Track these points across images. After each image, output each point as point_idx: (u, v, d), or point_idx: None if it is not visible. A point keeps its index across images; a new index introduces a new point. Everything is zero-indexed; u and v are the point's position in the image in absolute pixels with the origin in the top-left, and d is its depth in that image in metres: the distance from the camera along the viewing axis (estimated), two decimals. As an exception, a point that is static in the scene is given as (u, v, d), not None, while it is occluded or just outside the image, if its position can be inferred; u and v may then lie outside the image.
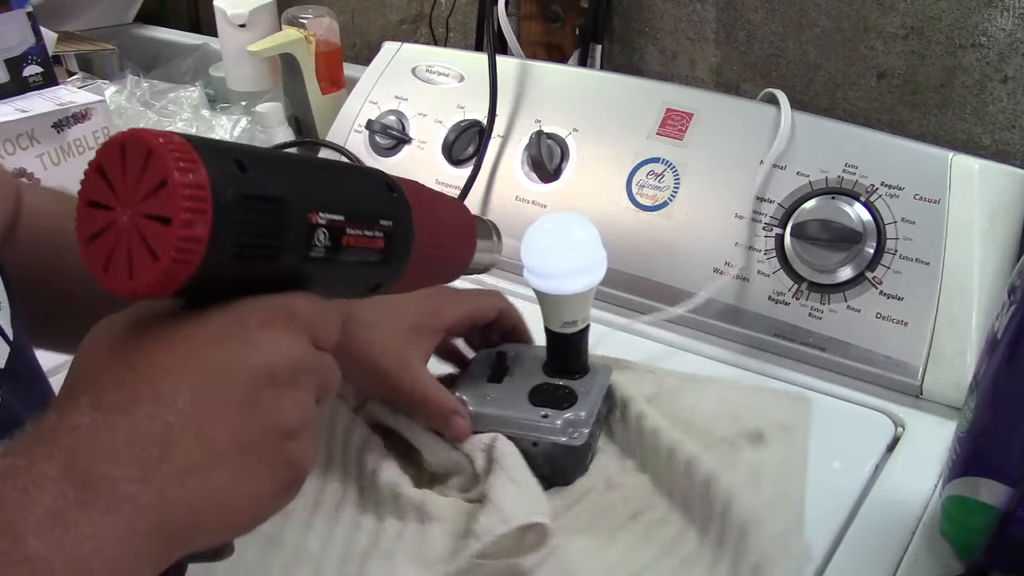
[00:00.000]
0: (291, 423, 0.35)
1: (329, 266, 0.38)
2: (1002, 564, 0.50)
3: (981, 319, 0.67)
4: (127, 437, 0.31)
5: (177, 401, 0.32)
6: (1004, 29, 0.80)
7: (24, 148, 0.76)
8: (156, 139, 0.31)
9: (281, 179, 0.36)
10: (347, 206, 0.38)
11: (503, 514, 0.51)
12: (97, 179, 0.33)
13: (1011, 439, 0.48)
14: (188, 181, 0.31)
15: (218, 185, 0.32)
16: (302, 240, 0.36)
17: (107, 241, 0.33)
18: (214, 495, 0.33)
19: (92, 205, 0.33)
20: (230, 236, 0.32)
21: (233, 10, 1.06)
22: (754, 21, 0.93)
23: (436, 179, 0.89)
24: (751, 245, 0.74)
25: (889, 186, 0.71)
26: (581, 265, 0.58)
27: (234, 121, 1.01)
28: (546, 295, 0.59)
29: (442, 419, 0.57)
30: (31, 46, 0.81)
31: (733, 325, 0.74)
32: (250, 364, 0.34)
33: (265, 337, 0.35)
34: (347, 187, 0.40)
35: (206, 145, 0.33)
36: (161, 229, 0.31)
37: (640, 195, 0.79)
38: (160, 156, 0.31)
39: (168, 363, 0.33)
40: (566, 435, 0.57)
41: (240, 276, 0.35)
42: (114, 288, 0.32)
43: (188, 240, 0.31)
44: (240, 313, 0.35)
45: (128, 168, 0.32)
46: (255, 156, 0.35)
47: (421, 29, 1.20)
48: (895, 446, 0.64)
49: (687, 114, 0.80)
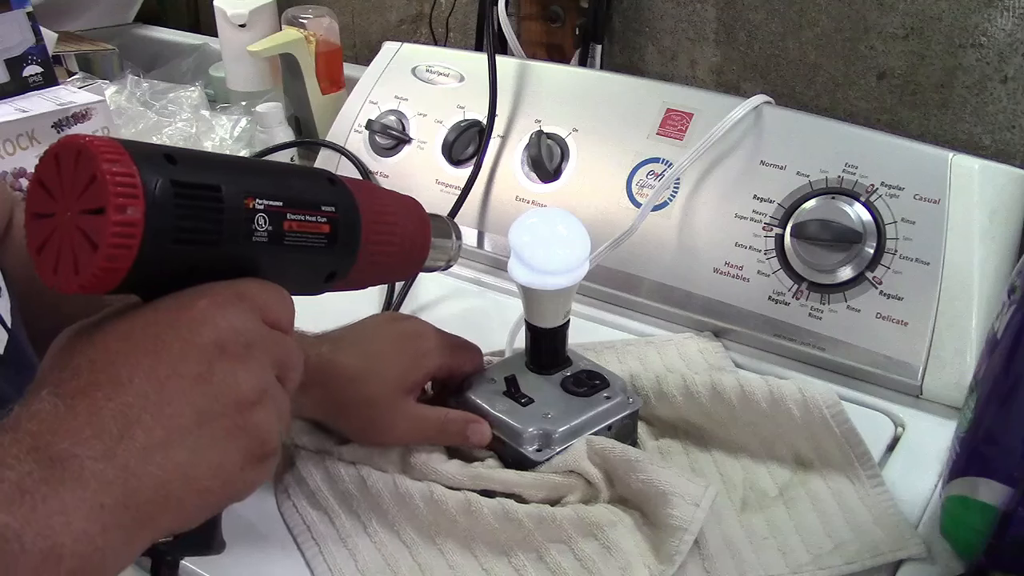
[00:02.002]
0: (247, 393, 0.36)
1: (275, 250, 0.39)
2: (1002, 564, 0.50)
3: (981, 319, 0.67)
4: (87, 418, 0.32)
5: (133, 381, 0.33)
6: (1004, 29, 0.80)
7: (24, 148, 0.76)
8: (83, 139, 0.33)
9: (213, 170, 0.37)
10: (285, 193, 0.40)
11: (686, 498, 0.52)
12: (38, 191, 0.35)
13: (1011, 439, 0.48)
14: (116, 171, 0.33)
15: (147, 174, 0.34)
16: (241, 224, 0.37)
17: (52, 245, 0.34)
18: (178, 468, 0.34)
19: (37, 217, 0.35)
20: (166, 221, 0.34)
21: (233, 10, 1.06)
22: (754, 21, 0.93)
23: (436, 179, 0.89)
24: (751, 245, 0.74)
25: (889, 186, 0.71)
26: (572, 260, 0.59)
27: (234, 121, 1.01)
28: (539, 292, 0.59)
29: (461, 432, 0.57)
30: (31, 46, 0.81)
31: (733, 325, 0.74)
32: (200, 339, 0.35)
33: (213, 313, 0.36)
34: (285, 179, 0.41)
35: (135, 144, 0.34)
36: (97, 220, 0.33)
37: (640, 195, 0.79)
38: (88, 152, 0.33)
39: (121, 348, 0.34)
40: (629, 406, 0.60)
41: (186, 264, 0.36)
42: (64, 288, 0.34)
43: (123, 224, 0.33)
44: (189, 296, 0.36)
45: (63, 172, 0.34)
46: (186, 153, 0.36)
47: (421, 29, 1.20)
48: (895, 446, 0.64)
49: (687, 114, 0.80)
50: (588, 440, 0.57)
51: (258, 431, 0.36)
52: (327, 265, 0.43)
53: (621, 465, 0.55)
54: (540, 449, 0.57)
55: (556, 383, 0.61)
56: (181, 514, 0.35)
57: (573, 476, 0.56)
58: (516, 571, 0.53)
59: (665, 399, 0.62)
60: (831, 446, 0.58)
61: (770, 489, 0.58)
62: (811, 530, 0.55)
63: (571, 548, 0.52)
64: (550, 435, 0.57)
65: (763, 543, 0.54)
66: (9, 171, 0.75)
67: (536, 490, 0.56)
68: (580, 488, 0.56)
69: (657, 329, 0.77)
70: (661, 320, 0.78)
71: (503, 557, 0.53)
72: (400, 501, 0.55)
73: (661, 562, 0.51)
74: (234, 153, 0.98)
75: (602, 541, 0.52)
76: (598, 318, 0.78)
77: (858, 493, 0.57)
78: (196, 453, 0.34)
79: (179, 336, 0.35)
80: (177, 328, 0.35)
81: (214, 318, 0.36)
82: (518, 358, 0.64)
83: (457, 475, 0.56)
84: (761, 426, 0.60)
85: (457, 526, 0.54)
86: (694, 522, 0.51)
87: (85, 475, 0.31)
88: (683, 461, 0.61)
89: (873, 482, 0.57)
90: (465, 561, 0.53)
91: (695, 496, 0.52)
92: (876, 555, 0.53)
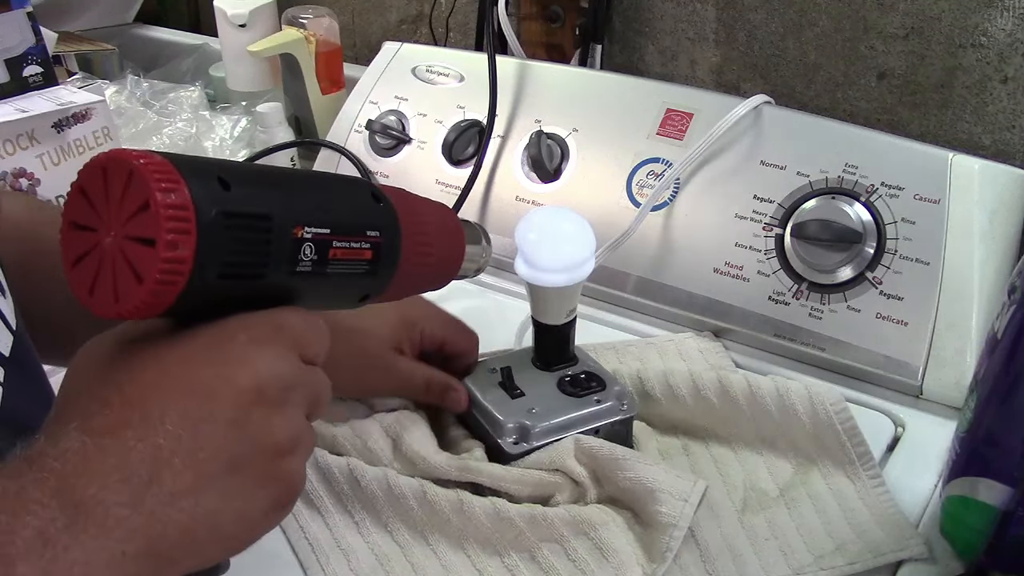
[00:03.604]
0: (282, 441, 0.35)
1: (317, 280, 0.37)
2: (1002, 564, 0.50)
3: (981, 319, 0.67)
4: (117, 460, 0.31)
5: (165, 422, 0.32)
6: (1004, 29, 0.80)
7: (24, 148, 0.76)
8: (137, 160, 0.31)
9: (264, 194, 0.35)
10: (333, 219, 0.38)
11: (674, 495, 0.52)
12: (80, 201, 0.33)
13: (1011, 439, 0.48)
14: (170, 202, 0.31)
15: (201, 204, 0.31)
16: (287, 256, 0.35)
17: (91, 264, 0.32)
18: (205, 516, 0.33)
19: (76, 227, 0.33)
20: (215, 256, 0.32)
21: (233, 10, 1.06)
22: (754, 21, 0.93)
23: (436, 179, 0.89)
24: (751, 245, 0.74)
25: (889, 186, 0.71)
26: (578, 257, 0.59)
27: (234, 121, 1.01)
28: (544, 289, 0.59)
29: (441, 393, 0.60)
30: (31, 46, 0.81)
31: (733, 325, 0.74)
32: (238, 382, 0.34)
33: (253, 354, 0.34)
34: (332, 199, 0.39)
35: (187, 163, 0.32)
36: (145, 251, 0.31)
37: (640, 195, 0.79)
38: (141, 177, 0.31)
39: (155, 382, 0.33)
40: (620, 412, 0.59)
41: (226, 294, 0.35)
42: (100, 312, 0.32)
43: (172, 262, 0.31)
44: (227, 330, 0.34)
45: (110, 189, 0.32)
46: (238, 172, 0.34)
47: (421, 29, 1.20)
48: (895, 446, 0.64)
49: (687, 114, 0.80)
50: (576, 439, 0.57)
51: (288, 479, 0.36)
52: (364, 288, 0.42)
53: (609, 464, 0.55)
54: (517, 442, 0.57)
55: (554, 381, 0.61)
56: (201, 558, 0.34)
57: (559, 475, 0.56)
58: (509, 571, 0.53)
59: (672, 396, 0.62)
60: (833, 445, 0.58)
61: (771, 489, 0.58)
62: (812, 530, 0.55)
63: (563, 547, 0.52)
64: (528, 430, 0.57)
65: (764, 544, 0.54)
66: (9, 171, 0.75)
67: (522, 486, 0.56)
68: (568, 488, 0.56)
69: (657, 329, 0.77)
70: (661, 320, 0.78)
71: (496, 557, 0.53)
72: (393, 501, 0.55)
73: (653, 560, 0.51)
74: (234, 154, 0.98)
75: (595, 540, 0.52)
76: (597, 318, 0.78)
77: (859, 493, 0.57)
78: (224, 500, 0.33)
79: (217, 376, 0.33)
80: (215, 367, 0.34)
81: (254, 360, 0.34)
82: (526, 352, 0.64)
83: (445, 465, 0.56)
84: (765, 425, 0.60)
85: (450, 526, 0.54)
86: (683, 518, 0.51)
87: (109, 522, 0.30)
88: (683, 462, 0.61)
89: (874, 482, 0.57)
90: (458, 560, 0.53)
91: (683, 492, 0.52)
92: (878, 555, 0.53)
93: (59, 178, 0.79)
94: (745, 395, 0.60)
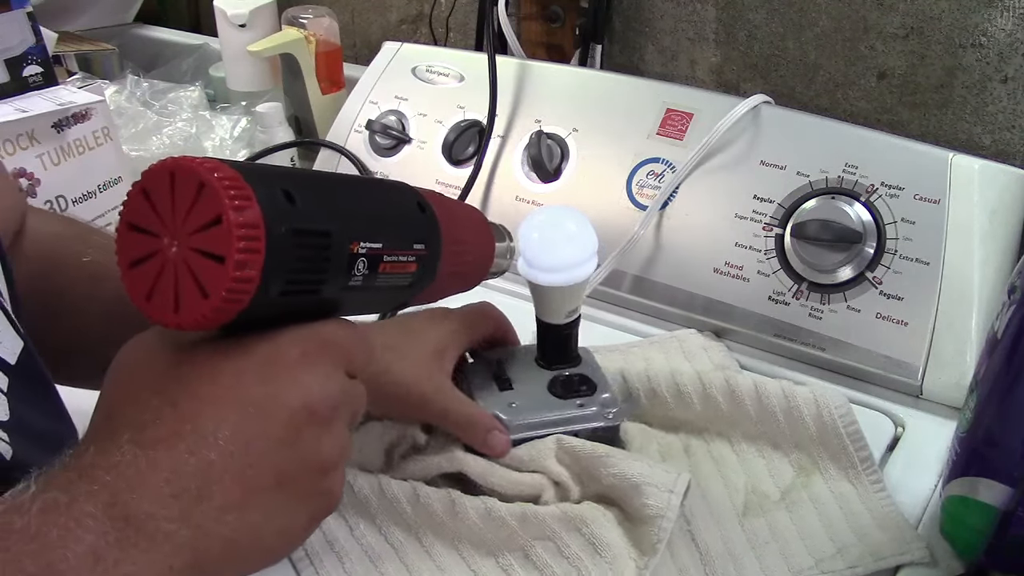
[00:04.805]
0: (327, 459, 0.35)
1: (364, 293, 0.37)
2: (1002, 564, 0.50)
3: (981, 319, 0.67)
4: (168, 474, 0.31)
5: (218, 437, 0.32)
6: (1004, 29, 0.80)
7: (24, 148, 0.76)
8: (210, 173, 0.30)
9: (326, 208, 0.35)
10: (386, 233, 0.38)
11: (659, 486, 0.52)
12: (142, 204, 0.32)
13: (1011, 439, 0.48)
14: (243, 220, 0.30)
15: (271, 222, 0.31)
16: (343, 271, 0.35)
17: (151, 270, 0.32)
18: (249, 530, 0.33)
19: (135, 229, 0.32)
20: (279, 273, 0.32)
21: (233, 10, 1.06)
22: (754, 21, 0.93)
23: (436, 179, 0.89)
24: (751, 245, 0.74)
25: (889, 186, 0.71)
26: (578, 257, 0.58)
27: (234, 121, 1.01)
28: (545, 288, 0.59)
29: (482, 437, 0.56)
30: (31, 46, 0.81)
31: (733, 325, 0.74)
32: (290, 401, 0.34)
33: (305, 373, 0.35)
34: (385, 212, 0.39)
35: (253, 174, 0.32)
36: (213, 267, 0.30)
37: (640, 195, 0.79)
38: (214, 191, 0.30)
39: (209, 396, 0.33)
40: (603, 418, 0.58)
41: (282, 309, 0.34)
42: (156, 318, 0.32)
43: (241, 281, 0.31)
44: (279, 346, 0.34)
45: (177, 198, 0.31)
46: (300, 183, 0.34)
47: (421, 29, 1.20)
48: (895, 446, 0.64)
49: (687, 114, 0.80)
50: (558, 439, 0.56)
51: (330, 494, 0.36)
52: (402, 297, 0.42)
53: (592, 462, 0.55)
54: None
55: (547, 379, 0.60)
56: (241, 570, 0.34)
57: (542, 476, 0.56)
58: (503, 571, 0.52)
59: (679, 395, 0.62)
60: (836, 448, 0.58)
61: (772, 492, 0.58)
62: (813, 534, 0.55)
63: (556, 544, 0.52)
64: (503, 424, 0.57)
65: (765, 547, 0.54)
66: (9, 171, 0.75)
67: (508, 483, 0.55)
68: (551, 488, 0.56)
69: (656, 329, 0.77)
70: (660, 320, 0.78)
71: (490, 557, 0.53)
72: (386, 504, 0.55)
73: (645, 553, 0.51)
74: (234, 154, 0.98)
75: (587, 536, 0.52)
76: (597, 317, 0.78)
77: (860, 496, 0.57)
78: (268, 515, 0.34)
79: (270, 394, 0.34)
80: (268, 384, 0.34)
81: (305, 379, 0.34)
82: (532, 348, 0.63)
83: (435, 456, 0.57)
84: (770, 427, 0.60)
85: (444, 527, 0.54)
86: (670, 508, 0.51)
87: (159, 537, 0.30)
88: (684, 463, 0.61)
89: (876, 486, 0.57)
90: (452, 561, 0.53)
91: (668, 483, 0.52)
92: (879, 559, 0.53)
93: (59, 178, 0.79)
94: (752, 397, 0.60)
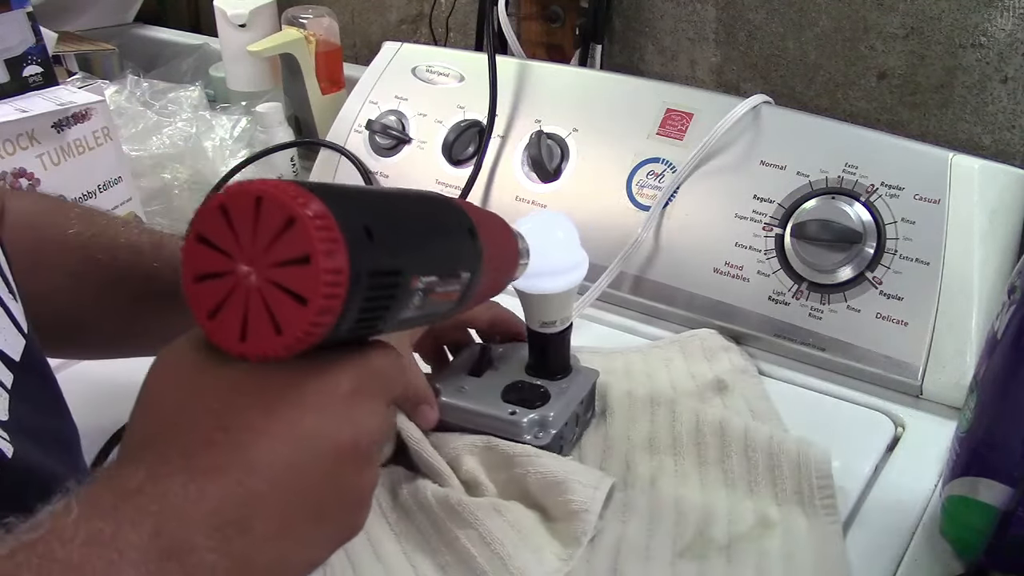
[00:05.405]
0: (365, 493, 0.36)
1: (410, 321, 0.37)
2: (1002, 564, 0.50)
3: (981, 319, 0.67)
4: (216, 505, 0.31)
5: (269, 469, 0.32)
6: (1004, 29, 0.80)
7: (24, 148, 0.76)
8: (302, 209, 0.29)
9: (398, 244, 0.34)
10: (442, 265, 0.37)
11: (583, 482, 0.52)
12: (218, 221, 0.30)
13: (1011, 439, 0.48)
14: (332, 266, 0.29)
15: (355, 265, 0.30)
16: (403, 305, 0.35)
17: (218, 289, 0.31)
18: (282, 557, 0.33)
19: (206, 244, 0.31)
20: (351, 313, 0.31)
21: (233, 10, 1.06)
22: (754, 21, 0.93)
23: (436, 179, 0.89)
24: (751, 245, 0.74)
25: (889, 186, 0.71)
26: (561, 265, 0.57)
27: (234, 121, 1.01)
28: (526, 294, 0.58)
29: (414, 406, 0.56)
30: (31, 46, 0.81)
31: (733, 325, 0.74)
32: (341, 438, 0.34)
33: (356, 408, 0.34)
34: (444, 243, 0.39)
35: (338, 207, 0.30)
36: (292, 305, 0.30)
37: (640, 195, 0.79)
38: (305, 230, 0.29)
39: (262, 427, 0.32)
40: (531, 434, 0.57)
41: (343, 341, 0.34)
42: (218, 341, 0.31)
43: (318, 324, 0.30)
44: (333, 377, 0.34)
45: (261, 225, 0.30)
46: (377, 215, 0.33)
47: (421, 29, 1.20)
48: (895, 446, 0.64)
49: (687, 114, 0.80)
50: (487, 439, 0.56)
51: (357, 525, 0.36)
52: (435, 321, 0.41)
53: (516, 461, 0.54)
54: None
55: (511, 380, 0.60)
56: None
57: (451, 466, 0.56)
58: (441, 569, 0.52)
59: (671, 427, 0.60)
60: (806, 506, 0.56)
61: (721, 539, 0.54)
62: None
63: (479, 532, 0.51)
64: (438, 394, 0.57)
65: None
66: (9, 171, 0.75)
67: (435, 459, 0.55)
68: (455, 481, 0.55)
69: (655, 329, 0.77)
70: (660, 320, 0.78)
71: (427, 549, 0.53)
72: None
73: (567, 546, 0.51)
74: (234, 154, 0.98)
75: (510, 520, 0.52)
76: (596, 317, 0.78)
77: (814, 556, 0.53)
78: (301, 545, 0.33)
79: (322, 429, 0.33)
80: (320, 417, 0.33)
81: (356, 415, 0.34)
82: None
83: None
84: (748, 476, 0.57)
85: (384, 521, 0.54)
86: (593, 502, 0.51)
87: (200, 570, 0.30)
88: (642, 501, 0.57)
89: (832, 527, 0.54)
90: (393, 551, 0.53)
91: (593, 481, 0.52)
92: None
93: (59, 178, 0.78)
94: (738, 444, 0.58)
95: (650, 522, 0.55)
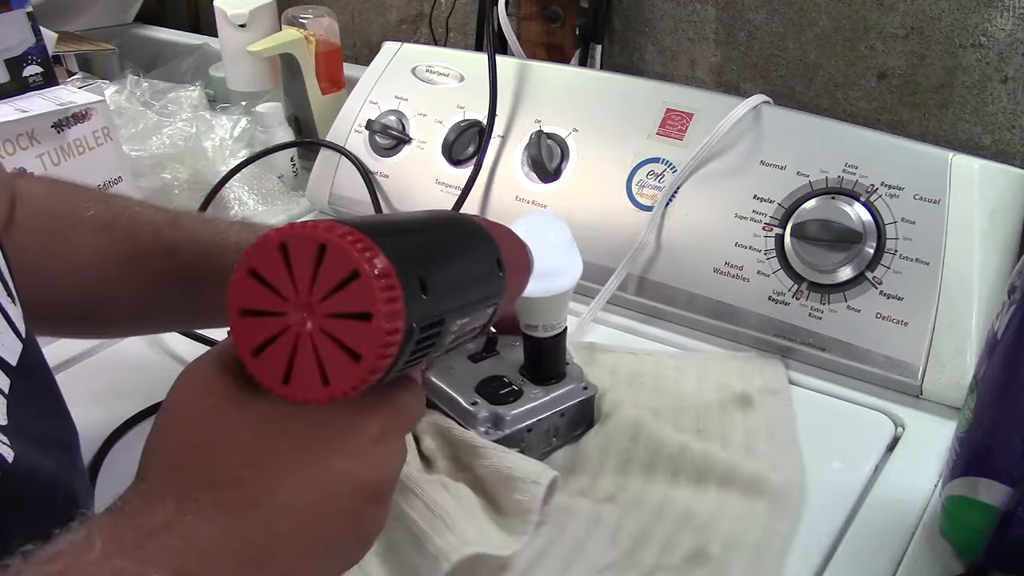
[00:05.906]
0: (376, 532, 0.36)
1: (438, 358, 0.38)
2: (1002, 564, 0.50)
3: (981, 319, 0.67)
4: (239, 543, 0.31)
5: (292, 508, 0.32)
6: (1004, 29, 0.80)
7: (24, 148, 0.76)
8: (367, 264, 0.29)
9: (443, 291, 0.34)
10: (477, 306, 0.37)
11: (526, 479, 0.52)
12: (274, 259, 0.30)
13: (1011, 439, 0.48)
14: (391, 327, 0.29)
15: (409, 320, 0.30)
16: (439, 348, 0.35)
17: (268, 328, 0.30)
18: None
19: (259, 281, 0.30)
20: (398, 362, 0.31)
21: (233, 10, 1.06)
22: (754, 21, 0.93)
23: (436, 179, 0.89)
24: (751, 245, 0.74)
25: (889, 186, 0.71)
26: (543, 269, 0.55)
27: (234, 121, 1.01)
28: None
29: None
30: (31, 46, 0.81)
31: (733, 325, 0.74)
32: (364, 480, 0.34)
33: (382, 451, 0.35)
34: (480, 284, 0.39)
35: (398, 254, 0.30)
36: (344, 360, 0.29)
37: (640, 195, 0.79)
38: (368, 285, 0.29)
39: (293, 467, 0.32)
40: (484, 427, 0.57)
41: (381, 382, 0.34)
42: (259, 378, 0.31)
43: (367, 381, 0.30)
44: (360, 418, 0.34)
45: (323, 273, 0.29)
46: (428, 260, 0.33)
47: (421, 29, 1.20)
48: (895, 446, 0.64)
49: (687, 114, 0.80)
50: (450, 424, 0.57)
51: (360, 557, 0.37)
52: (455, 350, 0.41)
53: (467, 450, 0.55)
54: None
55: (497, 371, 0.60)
56: None
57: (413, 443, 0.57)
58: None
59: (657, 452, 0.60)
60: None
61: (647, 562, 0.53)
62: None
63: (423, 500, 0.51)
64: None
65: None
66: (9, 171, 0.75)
67: None
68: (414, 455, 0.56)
69: (655, 329, 0.77)
70: (660, 320, 0.78)
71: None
72: None
73: (510, 534, 0.51)
74: (234, 154, 0.98)
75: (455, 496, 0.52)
76: (596, 317, 0.78)
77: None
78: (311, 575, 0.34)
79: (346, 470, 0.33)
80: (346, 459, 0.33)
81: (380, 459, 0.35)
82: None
83: None
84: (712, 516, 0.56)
85: None
86: (534, 500, 0.52)
87: None
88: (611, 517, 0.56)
89: None
90: None
91: (537, 474, 0.52)
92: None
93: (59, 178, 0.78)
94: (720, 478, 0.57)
95: (585, 533, 0.54)
